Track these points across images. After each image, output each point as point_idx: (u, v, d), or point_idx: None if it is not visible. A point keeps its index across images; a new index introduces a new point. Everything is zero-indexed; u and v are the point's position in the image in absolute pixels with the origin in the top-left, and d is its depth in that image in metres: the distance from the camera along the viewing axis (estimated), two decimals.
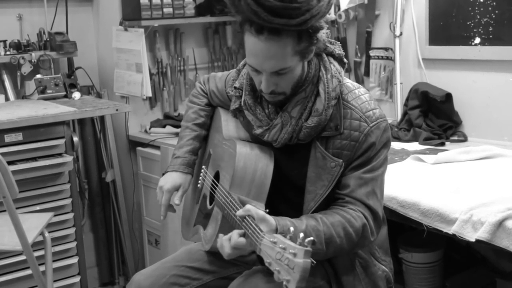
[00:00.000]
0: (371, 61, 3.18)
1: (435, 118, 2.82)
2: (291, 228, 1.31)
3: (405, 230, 2.55)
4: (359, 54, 3.25)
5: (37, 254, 2.52)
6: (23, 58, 3.09)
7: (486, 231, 1.74)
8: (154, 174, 3.24)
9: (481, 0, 2.66)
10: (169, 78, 3.48)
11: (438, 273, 2.53)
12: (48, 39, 3.25)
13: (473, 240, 1.78)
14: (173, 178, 1.91)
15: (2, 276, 2.78)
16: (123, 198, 3.49)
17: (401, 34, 3.00)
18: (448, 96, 2.79)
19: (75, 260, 3.02)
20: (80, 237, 3.05)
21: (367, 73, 3.22)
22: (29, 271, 2.70)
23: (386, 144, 1.66)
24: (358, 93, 1.67)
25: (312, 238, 1.25)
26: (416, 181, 2.17)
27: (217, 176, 1.82)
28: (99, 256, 3.56)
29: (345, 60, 1.70)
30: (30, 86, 3.17)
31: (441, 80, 2.87)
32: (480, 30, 2.69)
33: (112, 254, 3.55)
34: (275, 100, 1.64)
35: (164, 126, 3.33)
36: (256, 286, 1.60)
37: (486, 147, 2.48)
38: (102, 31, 3.47)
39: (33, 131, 2.77)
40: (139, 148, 3.38)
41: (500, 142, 2.65)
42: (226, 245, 1.52)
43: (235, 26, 3.51)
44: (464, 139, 2.77)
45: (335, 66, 1.66)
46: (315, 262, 1.25)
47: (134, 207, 3.50)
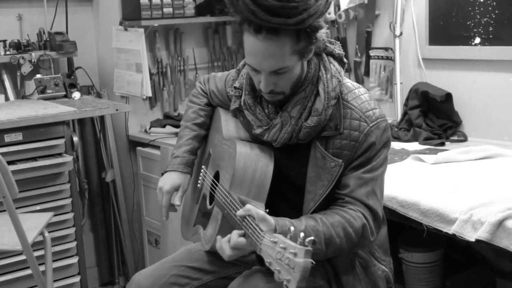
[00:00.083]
0: (371, 61, 3.17)
1: (435, 118, 2.82)
2: (291, 228, 1.31)
3: (405, 230, 2.55)
4: (359, 54, 3.25)
5: (37, 254, 2.52)
6: (23, 58, 3.09)
7: (486, 231, 1.74)
8: (154, 174, 3.24)
9: (481, 0, 2.66)
10: (169, 78, 3.48)
11: (438, 273, 2.53)
12: (48, 39, 3.25)
13: (473, 240, 1.78)
14: (172, 178, 1.91)
15: (2, 276, 2.78)
16: (123, 198, 3.49)
17: (401, 34, 3.00)
18: (448, 96, 2.79)
19: (75, 260, 3.02)
20: (80, 237, 3.05)
21: (367, 73, 3.22)
22: (29, 271, 2.70)
23: (386, 144, 1.66)
24: (358, 93, 1.67)
25: (312, 238, 1.25)
26: (416, 181, 2.17)
27: (217, 176, 1.82)
28: (99, 256, 3.56)
29: (345, 60, 1.70)
30: (30, 86, 3.16)
31: (441, 80, 2.87)
32: (480, 30, 2.69)
33: (112, 254, 3.55)
34: (274, 100, 1.64)
35: (164, 126, 3.33)
36: (256, 286, 1.60)
37: (486, 147, 2.48)
38: (102, 31, 3.47)
39: (33, 131, 2.77)
40: (139, 148, 3.38)
41: (500, 142, 2.65)
42: (226, 247, 1.52)
43: (235, 26, 3.51)
44: (464, 139, 2.76)
45: (335, 66, 1.66)
46: (314, 263, 1.25)
47: (134, 207, 3.50)
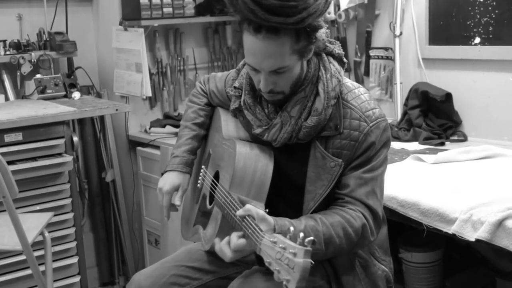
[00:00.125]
0: (371, 61, 3.17)
1: (435, 118, 2.82)
2: (291, 228, 1.31)
3: (405, 229, 2.55)
4: (359, 54, 3.25)
5: (37, 254, 2.51)
6: (23, 58, 3.09)
7: (486, 231, 1.74)
8: (154, 174, 3.24)
9: (481, 0, 2.66)
10: (169, 78, 3.48)
11: (438, 273, 2.53)
12: (48, 39, 3.25)
13: (473, 239, 1.78)
14: (172, 178, 1.91)
15: (2, 276, 2.78)
16: (123, 198, 3.49)
17: (401, 33, 3.00)
18: (448, 96, 2.78)
19: (75, 260, 3.01)
20: (80, 237, 3.05)
21: (367, 73, 3.22)
22: (29, 271, 2.70)
23: (386, 144, 1.66)
24: (358, 93, 1.67)
25: (312, 238, 1.25)
26: (416, 180, 2.17)
27: (216, 176, 1.82)
28: (99, 256, 3.56)
29: (344, 59, 1.70)
30: (30, 86, 3.16)
31: (441, 79, 2.87)
32: (480, 29, 2.69)
33: (112, 254, 3.55)
34: (274, 100, 1.64)
35: (164, 126, 3.33)
36: (256, 286, 1.60)
37: (486, 146, 2.48)
38: (102, 31, 3.47)
39: (33, 131, 2.77)
40: (139, 148, 3.38)
41: (500, 142, 2.65)
42: (226, 249, 1.52)
43: (235, 26, 3.51)
44: (464, 139, 2.76)
45: (334, 65, 1.66)
46: (313, 263, 1.25)
47: (134, 207, 3.50)
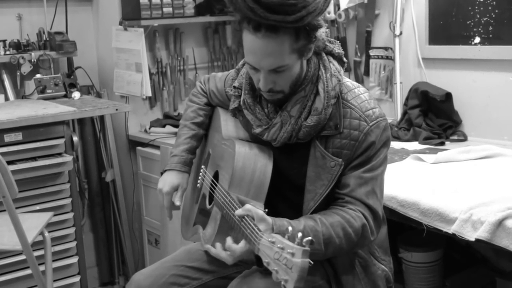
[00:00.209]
0: (371, 61, 3.17)
1: (435, 118, 2.82)
2: (289, 228, 1.31)
3: (405, 229, 2.55)
4: (359, 54, 3.25)
5: (36, 254, 2.51)
6: (22, 57, 3.09)
7: (486, 231, 1.74)
8: (154, 174, 3.24)
9: (481, 0, 2.66)
10: (168, 78, 3.48)
11: (438, 273, 2.52)
12: (47, 39, 3.25)
13: (473, 239, 1.78)
14: (171, 178, 1.91)
15: (2, 276, 2.78)
16: (123, 198, 3.49)
17: (401, 33, 2.99)
18: (448, 96, 2.78)
19: (75, 260, 3.01)
20: (80, 237, 3.05)
21: (367, 72, 3.22)
22: (29, 271, 2.70)
23: (386, 143, 1.66)
24: (358, 92, 1.66)
25: (310, 238, 1.25)
26: (416, 180, 2.17)
27: (216, 176, 1.82)
28: (99, 256, 3.56)
29: (344, 59, 1.70)
30: (30, 85, 3.16)
31: (441, 79, 2.86)
32: (480, 29, 2.68)
33: (112, 254, 3.55)
34: (273, 99, 1.64)
35: (164, 126, 3.33)
36: (255, 286, 1.60)
37: (486, 146, 2.48)
38: (101, 30, 3.47)
39: (32, 130, 2.77)
40: (139, 147, 3.38)
41: (500, 142, 2.65)
42: (224, 255, 1.55)
43: (235, 25, 3.50)
44: (464, 139, 2.76)
45: (334, 65, 1.66)
46: (312, 263, 1.25)
47: (134, 207, 3.50)
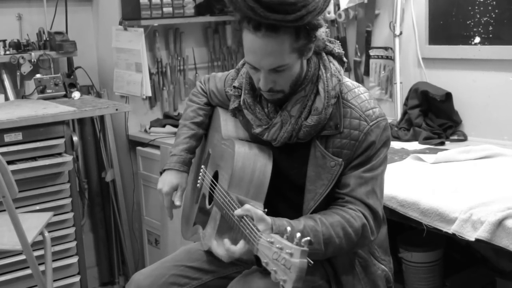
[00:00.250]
0: (371, 61, 3.17)
1: (435, 118, 2.82)
2: (288, 228, 1.31)
3: (404, 229, 2.55)
4: (359, 54, 3.24)
5: (36, 253, 2.51)
6: (22, 57, 3.09)
7: (486, 231, 1.74)
8: (154, 174, 3.24)
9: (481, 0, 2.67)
10: (168, 78, 3.48)
11: (438, 273, 2.52)
12: (47, 39, 3.24)
13: (473, 239, 1.78)
14: (170, 178, 1.91)
15: (2, 276, 2.78)
16: (123, 198, 3.49)
17: (401, 33, 2.99)
18: (448, 96, 2.78)
19: (75, 259, 3.01)
20: (80, 236, 3.05)
21: (367, 72, 3.21)
22: (28, 271, 2.70)
23: (386, 143, 1.66)
24: (358, 92, 1.66)
25: (308, 238, 1.25)
26: (415, 180, 2.17)
27: (216, 176, 1.82)
28: (99, 256, 3.56)
29: (344, 59, 1.70)
30: (30, 85, 3.16)
31: (441, 79, 2.86)
32: (480, 29, 2.68)
33: (112, 254, 3.55)
34: (274, 98, 1.64)
35: (164, 126, 3.33)
36: (255, 286, 1.60)
37: (486, 146, 2.48)
38: (101, 30, 3.47)
39: (32, 130, 2.77)
40: (139, 147, 3.38)
41: (500, 142, 2.65)
42: (221, 252, 1.56)
43: (235, 25, 3.50)
44: (464, 139, 2.76)
45: (334, 65, 1.66)
46: (312, 263, 1.25)
47: (134, 207, 3.50)
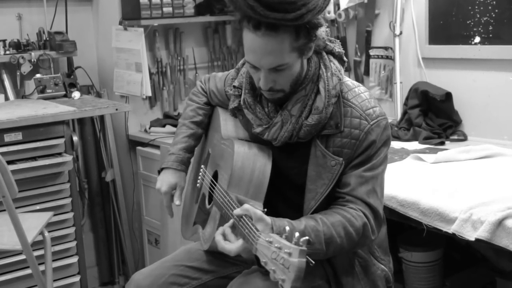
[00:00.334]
0: (371, 60, 3.17)
1: (435, 117, 2.82)
2: (287, 227, 1.31)
3: (404, 229, 2.55)
4: (359, 53, 3.24)
5: (36, 253, 2.51)
6: (22, 57, 3.09)
7: (486, 230, 1.74)
8: (154, 174, 3.23)
9: None
10: (168, 78, 3.48)
11: (438, 272, 2.52)
12: (47, 39, 3.24)
13: (473, 239, 1.78)
14: (168, 178, 1.91)
15: (2, 275, 2.78)
16: (123, 197, 3.49)
17: (401, 33, 2.99)
18: (448, 95, 2.78)
19: (75, 259, 3.01)
20: (80, 236, 3.05)
21: (367, 72, 3.21)
22: (28, 271, 2.70)
23: (386, 142, 1.66)
24: (358, 91, 1.66)
25: (307, 237, 1.24)
26: (415, 180, 2.16)
27: (215, 176, 1.82)
28: (99, 256, 3.56)
29: (345, 58, 1.70)
30: (30, 85, 3.16)
31: (441, 79, 2.86)
32: (480, 29, 2.68)
33: (112, 253, 3.55)
34: (274, 98, 1.64)
35: (163, 126, 3.33)
36: (255, 285, 1.60)
37: (486, 146, 2.48)
38: (101, 30, 3.47)
39: (32, 130, 2.77)
40: (139, 147, 3.38)
41: (500, 141, 2.65)
42: (224, 245, 1.53)
43: (235, 25, 3.50)
44: (464, 138, 2.76)
45: (335, 64, 1.66)
46: (313, 262, 1.25)
47: (134, 207, 3.50)
